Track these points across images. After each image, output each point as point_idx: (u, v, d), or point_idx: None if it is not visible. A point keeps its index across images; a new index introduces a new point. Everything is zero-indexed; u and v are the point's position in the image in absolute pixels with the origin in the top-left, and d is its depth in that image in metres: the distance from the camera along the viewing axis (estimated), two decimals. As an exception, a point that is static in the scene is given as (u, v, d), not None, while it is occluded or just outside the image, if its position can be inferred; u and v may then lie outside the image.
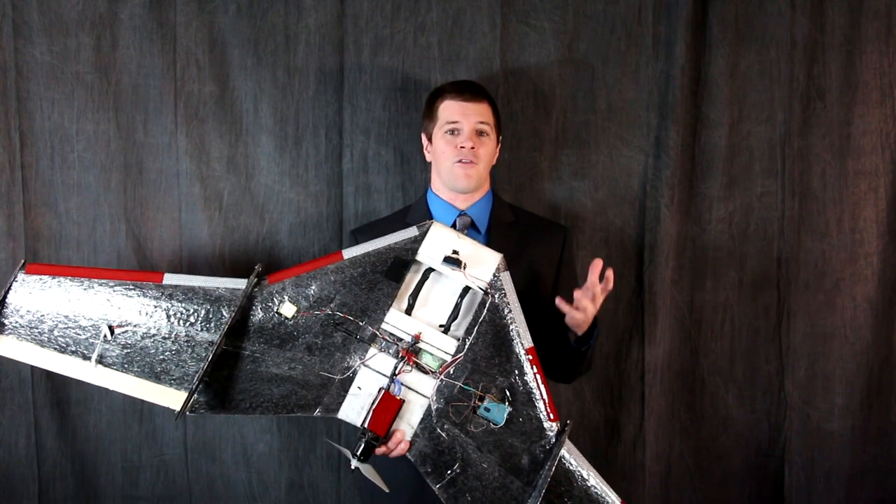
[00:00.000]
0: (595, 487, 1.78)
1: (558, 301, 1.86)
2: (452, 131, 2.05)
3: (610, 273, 1.84)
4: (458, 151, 2.03)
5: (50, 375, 2.35)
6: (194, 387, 1.75)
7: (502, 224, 2.10)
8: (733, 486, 2.54)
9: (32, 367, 2.31)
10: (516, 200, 2.33)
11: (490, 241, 2.03)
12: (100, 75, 2.31)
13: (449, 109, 2.06)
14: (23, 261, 1.82)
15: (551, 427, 1.79)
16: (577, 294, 1.85)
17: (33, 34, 2.28)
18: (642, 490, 2.49)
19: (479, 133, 2.05)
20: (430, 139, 2.12)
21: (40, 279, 1.80)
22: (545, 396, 1.79)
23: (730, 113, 2.44)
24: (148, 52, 2.32)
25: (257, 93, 2.36)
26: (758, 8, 2.41)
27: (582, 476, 1.78)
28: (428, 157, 2.15)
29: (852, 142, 2.45)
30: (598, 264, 1.84)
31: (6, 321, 1.80)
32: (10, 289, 1.80)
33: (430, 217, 2.08)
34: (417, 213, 2.13)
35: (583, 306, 1.86)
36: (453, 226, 2.07)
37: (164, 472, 2.42)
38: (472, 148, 2.03)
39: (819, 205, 2.47)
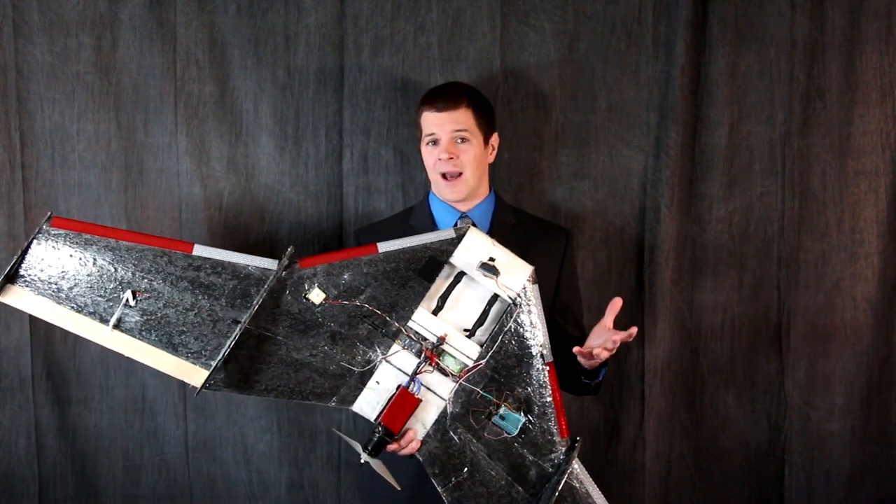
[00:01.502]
0: None
1: (576, 350, 1.81)
2: (432, 142, 2.05)
3: (634, 330, 1.77)
4: (439, 163, 2.03)
5: (50, 375, 2.35)
6: (217, 363, 1.72)
7: (505, 227, 2.09)
8: (733, 486, 2.54)
9: (33, 367, 2.34)
10: (516, 200, 2.33)
11: None
12: (100, 75, 2.31)
13: (427, 121, 2.05)
14: (49, 213, 1.76)
15: (562, 442, 1.80)
16: (596, 350, 1.78)
17: (33, 34, 2.28)
18: (642, 490, 2.49)
19: (459, 140, 2.03)
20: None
21: (66, 234, 1.74)
22: (559, 412, 1.80)
23: (730, 113, 2.43)
24: (148, 52, 2.32)
25: (257, 93, 2.36)
26: (758, 8, 2.41)
27: (587, 492, 1.79)
28: None
29: (852, 142, 2.44)
30: (617, 304, 1.82)
31: (25, 274, 1.73)
32: (33, 240, 1.73)
33: (433, 220, 2.10)
34: (420, 215, 2.13)
35: (597, 354, 1.80)
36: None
37: (164, 472, 2.42)
38: (451, 158, 2.01)
39: (819, 205, 2.46)
